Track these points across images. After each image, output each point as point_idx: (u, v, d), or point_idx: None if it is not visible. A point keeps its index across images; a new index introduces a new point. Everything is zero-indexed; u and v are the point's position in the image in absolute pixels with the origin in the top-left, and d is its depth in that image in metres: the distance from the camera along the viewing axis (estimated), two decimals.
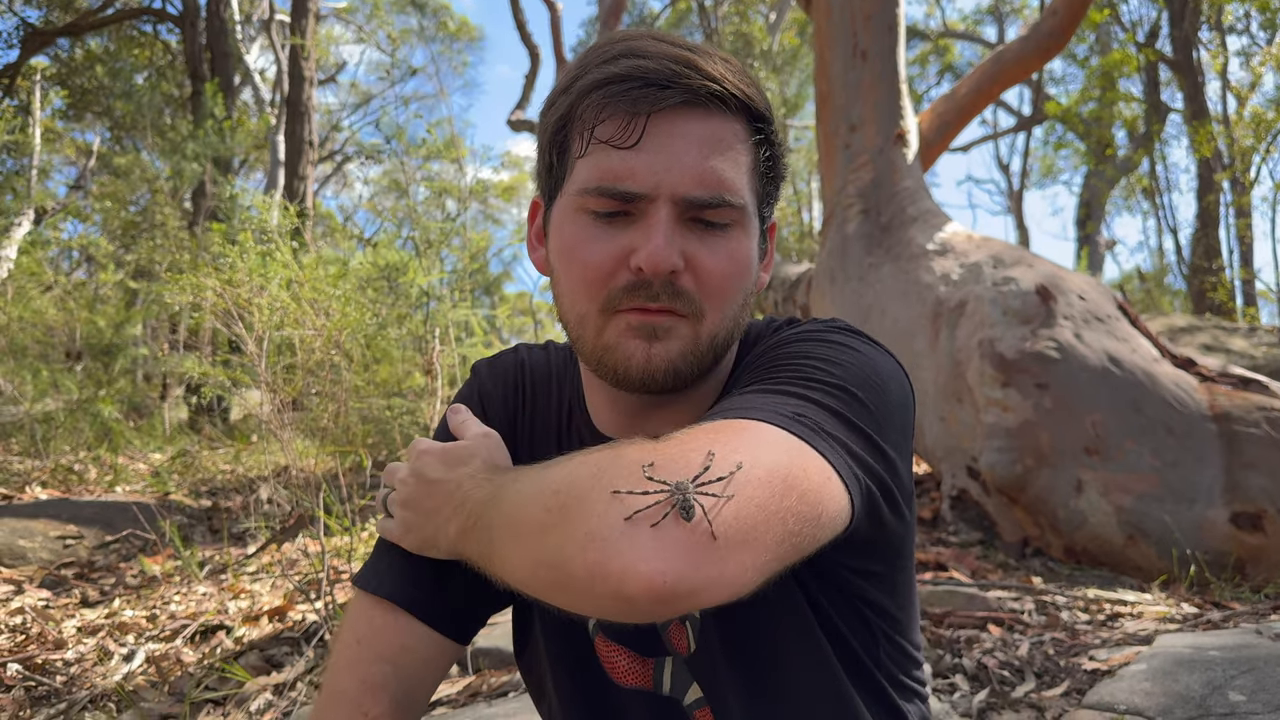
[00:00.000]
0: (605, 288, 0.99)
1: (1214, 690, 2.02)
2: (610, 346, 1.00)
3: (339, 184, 29.55)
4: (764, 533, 0.73)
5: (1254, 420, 3.95)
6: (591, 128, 0.97)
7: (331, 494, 3.83)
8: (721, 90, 0.96)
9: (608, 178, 0.96)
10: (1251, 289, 18.13)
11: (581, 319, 1.02)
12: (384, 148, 10.49)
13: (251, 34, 19.41)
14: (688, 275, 0.98)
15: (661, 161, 0.95)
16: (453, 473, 1.03)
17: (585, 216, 0.99)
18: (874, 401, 0.93)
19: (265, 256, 4.19)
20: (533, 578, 0.80)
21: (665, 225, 0.95)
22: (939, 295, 4.91)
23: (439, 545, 1.02)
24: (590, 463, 0.78)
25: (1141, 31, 18.65)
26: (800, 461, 0.79)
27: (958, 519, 4.52)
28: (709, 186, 0.96)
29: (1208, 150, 15.89)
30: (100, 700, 2.63)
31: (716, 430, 0.81)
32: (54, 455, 6.47)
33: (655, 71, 0.94)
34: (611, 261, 0.98)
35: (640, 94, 0.94)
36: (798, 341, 1.02)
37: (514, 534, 0.83)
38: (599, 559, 0.70)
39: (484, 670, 2.74)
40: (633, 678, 1.11)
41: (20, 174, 11.88)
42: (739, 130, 1.00)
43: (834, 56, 6.36)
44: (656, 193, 0.95)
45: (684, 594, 0.69)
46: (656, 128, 0.95)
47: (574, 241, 1.01)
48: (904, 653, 1.12)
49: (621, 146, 0.95)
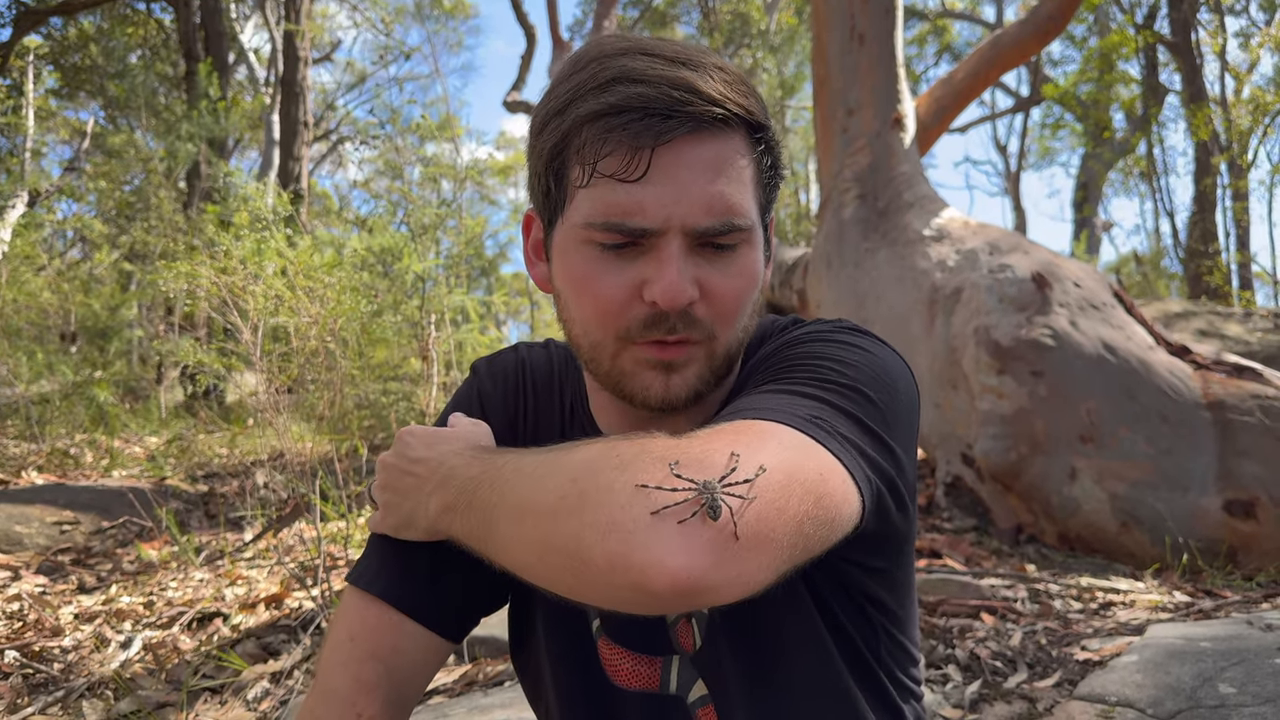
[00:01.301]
0: (620, 321, 0.98)
1: (1204, 682, 2.04)
2: (626, 374, 1.01)
3: (334, 163, 29.42)
4: (781, 534, 0.75)
5: (1248, 408, 3.96)
6: (594, 162, 0.94)
7: (327, 480, 3.83)
8: (725, 112, 0.95)
9: (615, 213, 0.95)
10: (1248, 272, 18.14)
11: (595, 346, 1.02)
12: (379, 131, 10.43)
13: (245, 12, 19.27)
14: (701, 303, 0.98)
15: (670, 194, 0.93)
16: (434, 450, 1.03)
17: (592, 248, 0.98)
18: (884, 401, 0.95)
19: (260, 244, 4.17)
20: (540, 562, 0.80)
21: (678, 259, 0.95)
22: (935, 281, 4.91)
23: (417, 523, 1.02)
24: (612, 452, 0.79)
25: (1140, 13, 18.54)
26: (817, 466, 0.81)
27: (952, 505, 4.54)
28: (717, 214, 0.95)
29: (1205, 133, 15.85)
30: (98, 688, 2.65)
31: (738, 431, 0.82)
32: (50, 439, 6.46)
33: (656, 100, 0.92)
34: (625, 294, 0.97)
35: (642, 126, 0.92)
36: (808, 342, 1.03)
37: (520, 515, 0.83)
38: (621, 550, 0.71)
39: (480, 659, 2.76)
40: (637, 680, 1.11)
41: (14, 154, 11.80)
42: (740, 146, 0.98)
43: (831, 39, 6.32)
44: (667, 226, 0.94)
45: (703, 590, 0.71)
46: (662, 159, 0.93)
47: (583, 274, 1.00)
48: (904, 650, 1.12)
49: (627, 180, 0.93)
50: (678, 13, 22.69)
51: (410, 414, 5.20)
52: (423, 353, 4.77)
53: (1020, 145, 26.80)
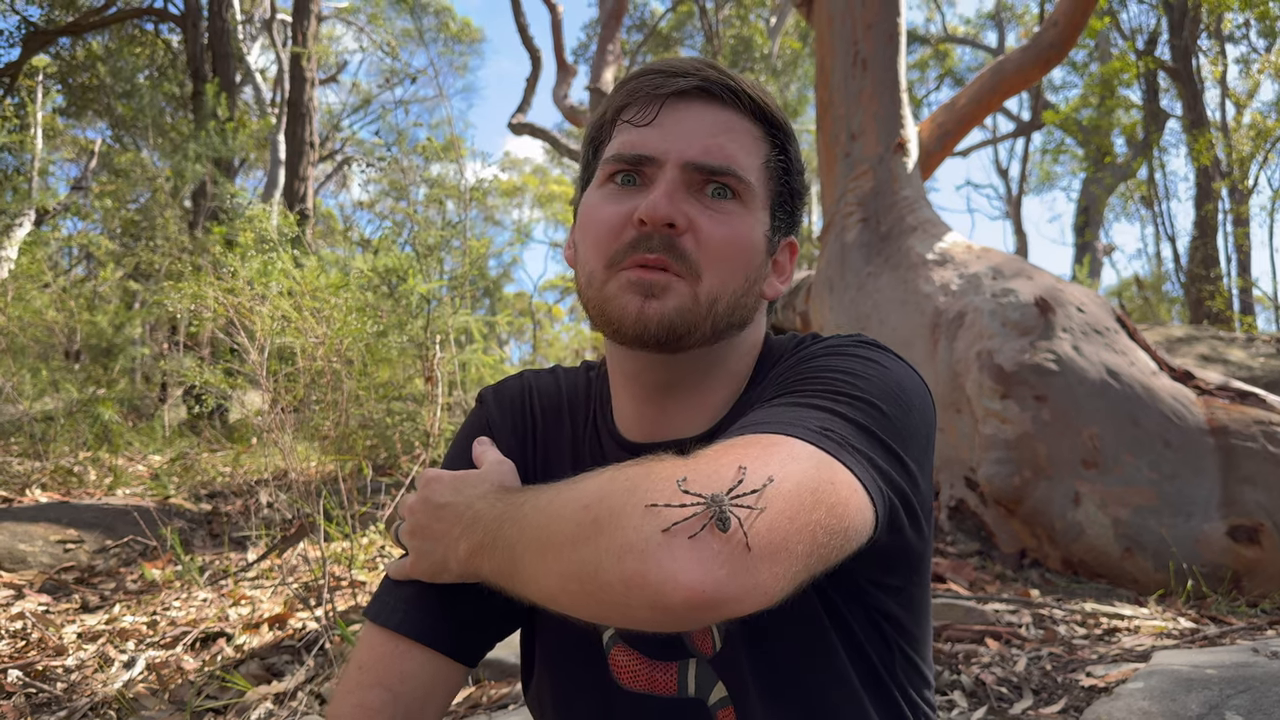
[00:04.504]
0: (612, 244, 1.05)
1: (1211, 710, 2.03)
2: (609, 298, 1.05)
3: (339, 183, 29.55)
4: (794, 544, 0.75)
5: (1251, 434, 3.97)
6: (617, 111, 1.10)
7: (331, 500, 3.84)
8: (735, 85, 1.07)
9: (624, 148, 1.06)
10: (1249, 297, 18.17)
11: (590, 277, 1.08)
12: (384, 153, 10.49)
13: (253, 33, 19.42)
14: (689, 237, 1.04)
15: (671, 131, 1.05)
16: (461, 495, 1.05)
17: (606, 187, 1.09)
18: (898, 415, 0.96)
19: (266, 264, 4.19)
20: (562, 591, 0.81)
21: (669, 183, 1.03)
22: (938, 305, 4.92)
23: (450, 568, 1.03)
24: (621, 478, 0.80)
25: (1141, 39, 18.67)
26: (828, 476, 0.82)
27: (955, 529, 4.53)
28: (715, 156, 1.04)
29: (1206, 158, 15.92)
30: (101, 708, 2.64)
31: (746, 445, 0.83)
32: (54, 457, 6.46)
33: (677, 65, 1.07)
34: (620, 220, 1.05)
35: (661, 80, 1.06)
36: (823, 356, 1.05)
37: (540, 548, 0.84)
38: (637, 570, 0.72)
39: (484, 681, 2.75)
40: (654, 685, 1.11)
41: (21, 173, 11.87)
42: (750, 127, 1.09)
43: (835, 65, 6.37)
44: (665, 157, 1.04)
45: (720, 603, 0.72)
46: (672, 109, 1.06)
47: (591, 207, 1.10)
48: (918, 671, 1.13)
49: (640, 124, 1.06)
50: (681, 36, 22.88)
51: (415, 434, 5.20)
52: (427, 373, 4.78)
53: (1021, 169, 26.87)
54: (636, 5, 22.29)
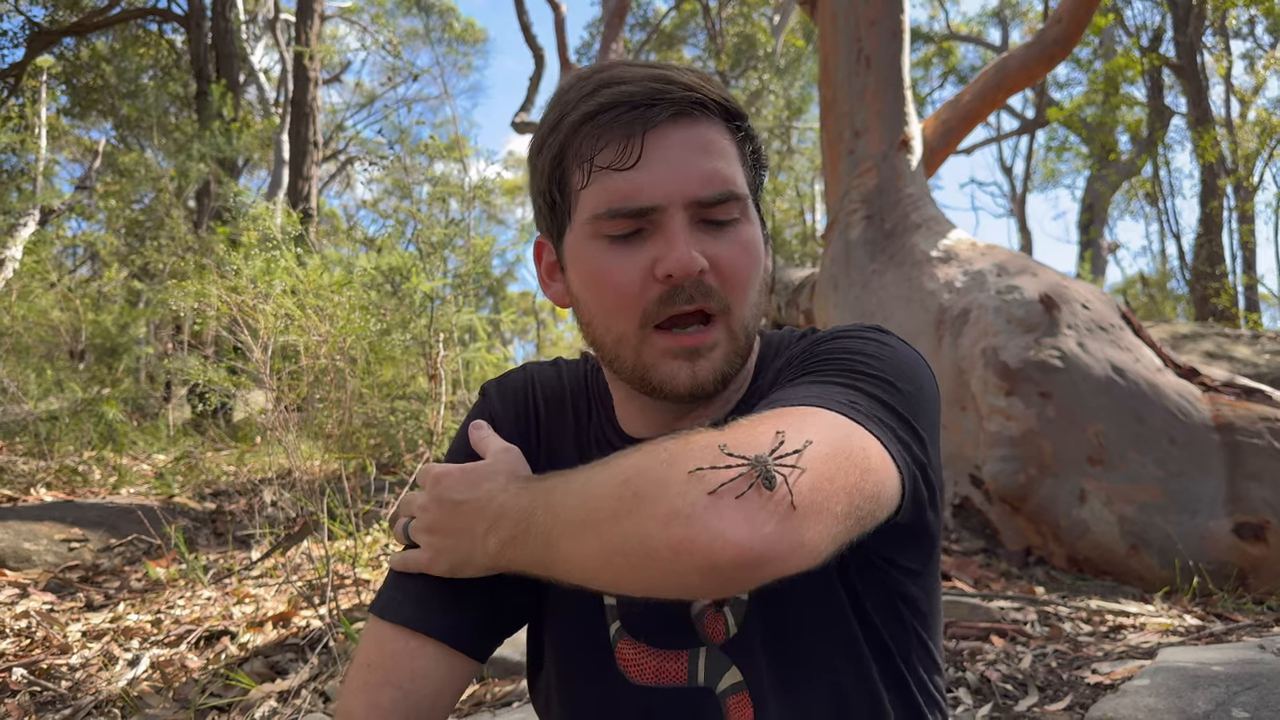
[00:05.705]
0: (638, 304, 1.02)
1: (1218, 707, 2.03)
2: (651, 366, 1.04)
3: (342, 183, 29.58)
4: (835, 504, 0.77)
5: (1257, 431, 3.95)
6: (590, 158, 1.01)
7: (335, 498, 3.84)
8: (702, 97, 1.02)
9: (617, 200, 1.00)
10: (1254, 294, 18.12)
11: (619, 340, 1.05)
12: (387, 151, 10.53)
13: (256, 32, 19.45)
14: (711, 273, 1.02)
15: (664, 172, 0.99)
16: (478, 490, 1.04)
17: (601, 242, 1.03)
18: (912, 393, 0.99)
19: (270, 263, 4.20)
20: (606, 567, 0.82)
21: (683, 230, 1.00)
22: (942, 302, 4.91)
23: (475, 562, 1.03)
24: (658, 451, 0.81)
25: (1145, 36, 18.60)
26: (860, 442, 0.84)
27: (960, 527, 4.53)
28: (713, 185, 1.01)
29: (1211, 155, 15.88)
30: (105, 706, 2.64)
31: (779, 415, 0.85)
32: (58, 456, 6.47)
33: (638, 93, 0.99)
34: (639, 278, 1.01)
35: (631, 116, 0.99)
36: (835, 339, 1.07)
37: (579, 529, 0.84)
38: (684, 534, 0.73)
39: (488, 679, 2.75)
40: (662, 676, 1.10)
41: (25, 172, 11.89)
42: (722, 130, 1.05)
43: (838, 63, 6.36)
44: (668, 202, 0.99)
45: (769, 560, 0.73)
46: (653, 144, 0.99)
47: (597, 267, 1.04)
48: (930, 658, 1.13)
49: (623, 168, 0.99)
50: (684, 35, 22.88)
51: (418, 433, 5.20)
52: (431, 371, 4.78)
53: (1026, 167, 26.81)
54: (639, 4, 22.27)
